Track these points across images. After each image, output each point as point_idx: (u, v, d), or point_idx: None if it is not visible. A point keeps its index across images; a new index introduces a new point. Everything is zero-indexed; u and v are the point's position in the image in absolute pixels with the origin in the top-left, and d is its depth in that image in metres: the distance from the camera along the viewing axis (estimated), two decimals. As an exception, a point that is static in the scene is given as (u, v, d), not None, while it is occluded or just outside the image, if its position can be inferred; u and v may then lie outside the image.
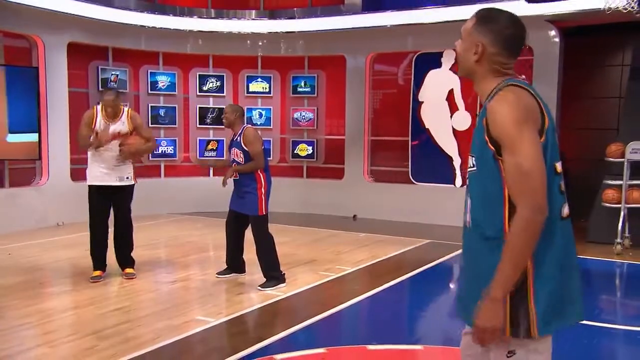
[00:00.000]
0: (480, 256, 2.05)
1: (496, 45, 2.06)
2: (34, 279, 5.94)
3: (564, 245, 2.02)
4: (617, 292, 6.51)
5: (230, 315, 4.85)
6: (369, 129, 10.56)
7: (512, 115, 1.94)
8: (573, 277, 2.06)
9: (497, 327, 1.94)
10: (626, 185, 7.65)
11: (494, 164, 1.99)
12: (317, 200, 10.62)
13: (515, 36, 2.08)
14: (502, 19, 2.08)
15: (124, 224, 5.94)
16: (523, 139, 1.91)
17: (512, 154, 1.93)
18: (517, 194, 1.93)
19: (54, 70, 9.09)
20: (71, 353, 3.95)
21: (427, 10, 9.30)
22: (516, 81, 2.04)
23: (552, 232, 1.97)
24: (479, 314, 1.96)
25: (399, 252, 7.50)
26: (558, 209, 2.01)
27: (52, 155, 9.11)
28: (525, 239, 1.90)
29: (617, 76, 9.70)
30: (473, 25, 2.10)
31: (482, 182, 2.05)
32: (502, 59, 2.08)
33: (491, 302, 1.94)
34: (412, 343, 4.35)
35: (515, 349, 2.00)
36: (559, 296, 1.98)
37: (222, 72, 10.97)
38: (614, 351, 4.46)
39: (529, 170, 1.90)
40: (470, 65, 2.13)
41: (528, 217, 1.89)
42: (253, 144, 5.47)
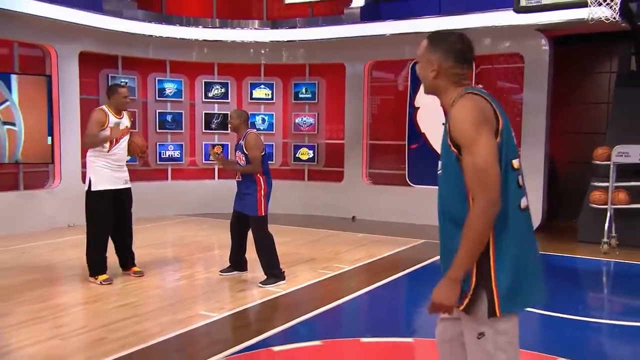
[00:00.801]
0: (451, 248, 2.17)
1: (449, 59, 2.24)
2: (46, 276, 6.07)
3: (523, 234, 2.17)
4: (604, 289, 6.60)
5: (232, 310, 4.96)
6: (368, 133, 10.65)
7: (469, 118, 2.10)
8: (532, 262, 2.20)
9: (451, 305, 2.11)
10: (612, 187, 7.74)
11: (457, 165, 2.14)
12: (317, 202, 10.73)
13: (464, 50, 2.26)
14: (450, 37, 2.28)
15: (129, 226, 6.01)
16: (479, 140, 2.07)
17: (469, 153, 2.08)
18: (473, 189, 2.08)
19: (66, 78, 9.23)
20: (81, 345, 4.08)
21: (423, 20, 9.39)
22: (473, 89, 2.21)
23: (512, 223, 2.13)
24: (436, 290, 2.14)
25: (395, 251, 7.60)
26: (516, 202, 2.16)
27: (64, 159, 9.25)
28: (479, 229, 2.06)
29: (606, 83, 9.79)
30: (426, 48, 2.29)
31: (448, 182, 2.21)
32: (457, 71, 2.25)
33: (449, 280, 2.11)
34: (404, 336, 4.45)
35: (484, 331, 2.15)
36: (518, 280, 2.13)
37: (226, 80, 11.11)
38: (600, 344, 4.54)
39: (483, 168, 2.05)
40: (431, 82, 2.31)
41: (482, 209, 2.05)
42: (252, 150, 5.60)
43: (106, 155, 5.64)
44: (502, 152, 2.11)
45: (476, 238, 2.06)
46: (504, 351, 2.16)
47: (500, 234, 2.11)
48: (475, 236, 2.06)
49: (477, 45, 8.55)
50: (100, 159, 5.63)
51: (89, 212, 5.70)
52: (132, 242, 6.10)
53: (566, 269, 7.10)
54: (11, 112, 8.69)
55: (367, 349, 4.12)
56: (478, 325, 2.16)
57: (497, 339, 2.16)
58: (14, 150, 8.75)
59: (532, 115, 8.97)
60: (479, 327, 2.16)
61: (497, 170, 2.07)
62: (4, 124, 8.59)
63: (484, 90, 2.21)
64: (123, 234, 5.93)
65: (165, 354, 4.04)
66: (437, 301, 2.13)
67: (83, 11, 8.95)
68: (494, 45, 9.29)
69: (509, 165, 2.14)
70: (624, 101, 8.52)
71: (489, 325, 2.15)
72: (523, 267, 2.15)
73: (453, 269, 2.10)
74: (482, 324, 2.16)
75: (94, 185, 5.61)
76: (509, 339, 2.17)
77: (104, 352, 3.92)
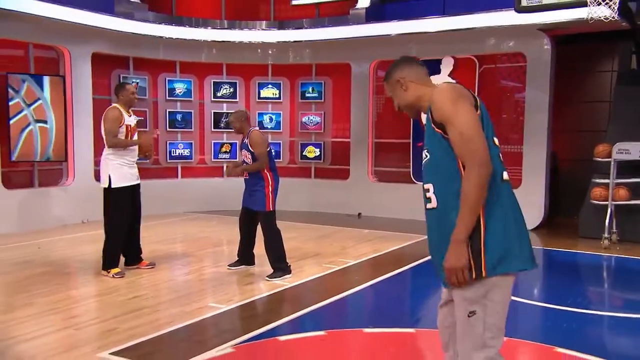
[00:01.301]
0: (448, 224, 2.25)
1: (406, 70, 2.46)
2: (61, 270, 6.19)
3: (508, 201, 2.28)
4: (604, 283, 6.63)
5: (240, 302, 5.04)
6: (373, 132, 10.71)
7: (447, 96, 2.25)
8: (519, 227, 2.29)
9: (464, 265, 2.20)
10: (613, 183, 7.76)
11: (445, 144, 2.25)
12: (324, 200, 10.80)
13: (410, 60, 2.52)
14: (397, 62, 2.52)
15: (139, 221, 6.14)
16: (459, 111, 2.20)
17: (453, 125, 2.21)
18: (464, 156, 2.20)
19: (79, 78, 9.37)
20: (94, 334, 4.18)
21: (426, 20, 9.44)
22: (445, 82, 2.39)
23: (498, 192, 2.25)
24: (447, 257, 2.22)
25: (400, 246, 7.66)
26: (499, 174, 2.28)
27: (77, 157, 9.38)
28: (476, 189, 2.16)
29: (607, 81, 9.79)
30: (387, 81, 2.52)
31: (436, 164, 2.32)
32: (419, 74, 2.47)
33: (456, 243, 2.20)
34: (406, 327, 4.51)
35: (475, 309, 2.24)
36: (505, 241, 2.23)
37: (235, 80, 11.20)
38: (600, 336, 4.58)
39: (469, 135, 2.17)
40: (408, 101, 2.48)
41: (475, 172, 2.16)
42: (257, 147, 5.69)
43: (123, 154, 5.78)
44: (484, 127, 2.23)
45: (474, 199, 2.16)
46: (490, 330, 2.26)
47: (489, 204, 2.22)
48: (473, 198, 2.16)
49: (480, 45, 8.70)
50: (118, 157, 5.76)
51: (109, 208, 5.81)
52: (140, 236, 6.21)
53: (568, 264, 7.14)
54: (44, 110, 8.92)
55: (369, 339, 4.19)
56: (470, 304, 2.26)
57: (486, 318, 2.25)
58: (45, 148, 8.98)
59: (535, 113, 9.00)
60: (471, 306, 2.25)
61: (481, 134, 2.19)
62: (36, 121, 8.78)
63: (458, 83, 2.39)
64: (133, 228, 6.03)
65: (175, 342, 4.12)
66: (449, 266, 2.21)
67: (95, 13, 9.08)
68: (496, 45, 9.32)
69: (491, 142, 2.26)
70: (624, 99, 8.54)
71: (481, 304, 2.24)
72: (510, 236, 2.24)
73: (457, 231, 2.20)
74: (473, 303, 2.25)
75: (114, 183, 5.72)
76: (496, 320, 2.27)
77: (115, 341, 4.01)
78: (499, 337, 2.28)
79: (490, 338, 2.25)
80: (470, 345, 2.26)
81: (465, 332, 2.28)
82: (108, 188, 5.76)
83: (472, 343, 2.26)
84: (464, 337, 2.29)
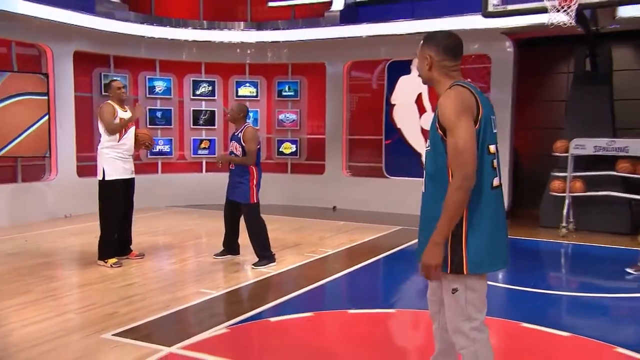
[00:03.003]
0: (432, 213, 2.47)
1: (440, 54, 2.55)
2: (52, 261, 6.24)
3: (493, 210, 2.47)
4: (562, 267, 7.01)
5: (228, 288, 5.21)
6: (347, 128, 10.93)
7: (453, 107, 2.40)
8: (499, 233, 2.50)
9: (437, 264, 2.40)
10: (570, 176, 8.16)
11: (442, 145, 2.44)
12: (300, 194, 10.97)
13: (451, 44, 2.57)
14: (439, 35, 2.60)
15: (131, 213, 6.24)
16: (460, 125, 2.36)
17: (451, 136, 2.38)
18: (453, 165, 2.38)
19: (61, 76, 9.33)
20: (95, 318, 4.28)
21: (398, 23, 9.70)
22: (461, 82, 2.51)
23: (484, 199, 2.43)
24: (424, 254, 2.43)
25: (374, 237, 7.90)
26: (489, 181, 2.46)
27: (60, 153, 9.35)
28: (457, 199, 2.35)
29: (564, 82, 10.21)
30: (421, 46, 2.60)
31: (434, 157, 2.50)
32: (448, 63, 2.55)
33: (433, 245, 2.40)
34: (386, 308, 4.75)
35: (457, 287, 2.47)
36: (485, 247, 2.43)
37: (213, 78, 11.28)
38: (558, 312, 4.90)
39: (462, 148, 2.34)
40: (426, 74, 2.61)
41: (459, 183, 2.34)
42: (249, 142, 5.85)
43: (117, 146, 5.85)
44: (480, 138, 2.40)
45: (454, 207, 2.35)
46: (472, 305, 2.49)
47: (474, 209, 2.41)
48: (453, 206, 2.35)
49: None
50: (112, 151, 5.84)
51: (102, 200, 5.88)
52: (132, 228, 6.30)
53: (530, 250, 7.49)
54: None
55: (354, 319, 4.40)
56: (452, 282, 2.48)
57: (467, 294, 2.48)
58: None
59: (499, 112, 9.13)
60: (453, 284, 2.48)
61: (473, 151, 2.35)
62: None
63: (471, 83, 2.51)
64: (125, 220, 6.11)
65: (172, 324, 4.27)
66: (425, 262, 2.42)
67: (77, 12, 9.05)
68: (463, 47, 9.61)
69: (485, 150, 2.43)
70: (579, 99, 8.95)
71: (461, 283, 2.47)
72: (491, 238, 2.45)
73: (435, 234, 2.40)
74: (455, 282, 2.48)
75: (108, 175, 5.81)
76: (477, 295, 2.50)
77: (117, 323, 4.13)
78: (482, 311, 2.51)
79: (473, 312, 2.48)
80: (457, 316, 2.49)
81: (451, 305, 2.51)
82: (102, 180, 5.84)
83: (458, 315, 2.49)
84: (451, 310, 2.51)
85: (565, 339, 3.97)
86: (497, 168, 2.49)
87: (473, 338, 2.48)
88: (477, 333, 2.49)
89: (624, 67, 9.40)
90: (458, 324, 2.50)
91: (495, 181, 2.47)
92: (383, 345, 3.93)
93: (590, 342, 3.92)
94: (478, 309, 2.49)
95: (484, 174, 2.42)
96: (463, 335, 2.50)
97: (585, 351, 3.81)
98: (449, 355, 2.77)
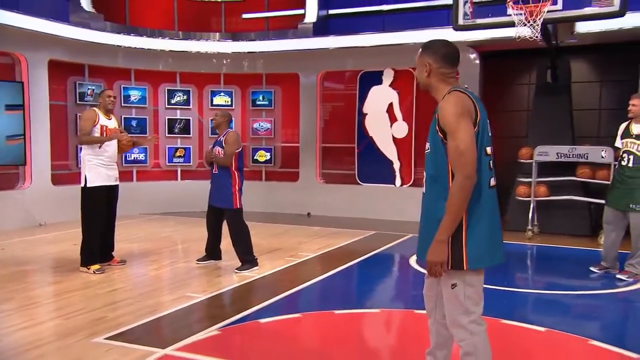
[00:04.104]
0: (433, 212, 2.54)
1: (438, 61, 2.61)
2: (32, 268, 6.07)
3: (490, 208, 2.55)
4: (529, 268, 7.19)
5: (215, 292, 5.16)
6: (320, 137, 10.97)
7: (453, 111, 2.46)
8: (495, 230, 2.58)
9: (442, 261, 2.47)
10: (534, 182, 8.41)
11: (442, 147, 2.51)
12: (275, 200, 10.95)
13: (449, 52, 2.63)
14: (438, 43, 2.66)
15: (114, 220, 6.12)
16: (460, 128, 2.43)
17: (452, 139, 2.45)
18: (455, 167, 2.45)
19: (36, 84, 9.11)
20: (84, 323, 4.18)
21: (368, 35, 9.85)
22: (458, 88, 2.58)
23: (482, 198, 2.51)
24: (429, 252, 2.49)
25: (351, 241, 7.95)
26: (487, 181, 2.54)
27: (34, 161, 9.11)
28: (460, 198, 2.42)
29: (525, 93, 10.53)
30: (420, 54, 2.67)
31: (435, 158, 2.56)
32: (445, 70, 2.62)
33: (437, 243, 2.46)
34: (371, 308, 4.80)
35: (456, 282, 2.53)
36: (483, 244, 2.50)
37: (188, 88, 11.19)
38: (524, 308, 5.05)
39: (463, 150, 2.41)
40: (424, 81, 2.67)
41: (462, 183, 2.41)
42: (228, 145, 5.88)
43: (99, 153, 5.75)
44: (478, 140, 2.47)
45: (457, 206, 2.42)
46: (471, 299, 2.55)
47: (473, 207, 2.48)
48: (456, 204, 2.42)
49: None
50: (95, 158, 5.74)
51: (84, 206, 5.77)
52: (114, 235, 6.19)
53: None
54: None
55: (341, 319, 4.43)
56: (452, 278, 2.54)
57: (466, 289, 2.54)
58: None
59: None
60: (453, 279, 2.54)
61: (474, 152, 2.42)
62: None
63: (468, 89, 2.58)
64: (108, 227, 6.01)
65: (163, 327, 4.21)
66: (430, 260, 2.48)
67: (52, 22, 8.87)
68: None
69: (483, 151, 2.51)
70: (542, 108, 9.25)
71: (460, 278, 2.53)
72: (489, 235, 2.52)
73: (439, 233, 2.45)
74: (454, 277, 2.54)
75: (90, 182, 5.71)
76: (475, 290, 2.57)
77: (107, 328, 4.06)
78: (479, 305, 2.58)
79: (471, 305, 2.54)
80: (456, 310, 2.55)
81: (451, 300, 2.57)
82: (84, 187, 5.73)
83: (457, 309, 2.55)
84: (450, 304, 2.57)
85: (543, 334, 4.09)
86: (493, 169, 2.57)
87: (471, 330, 2.55)
88: (475, 326, 2.56)
89: (581, 79, 9.75)
90: (457, 318, 2.56)
91: (492, 181, 2.55)
92: (371, 343, 3.98)
93: (566, 336, 4.05)
94: (476, 303, 2.56)
95: (483, 174, 2.49)
96: (462, 328, 2.56)
97: (563, 345, 3.94)
98: (443, 348, 2.83)
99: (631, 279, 5.71)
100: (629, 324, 4.69)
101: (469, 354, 2.56)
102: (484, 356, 2.56)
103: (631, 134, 5.67)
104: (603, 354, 3.73)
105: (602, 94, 9.79)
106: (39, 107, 9.15)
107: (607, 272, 5.99)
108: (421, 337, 4.06)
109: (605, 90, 9.76)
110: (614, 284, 5.64)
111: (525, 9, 6.38)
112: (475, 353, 2.55)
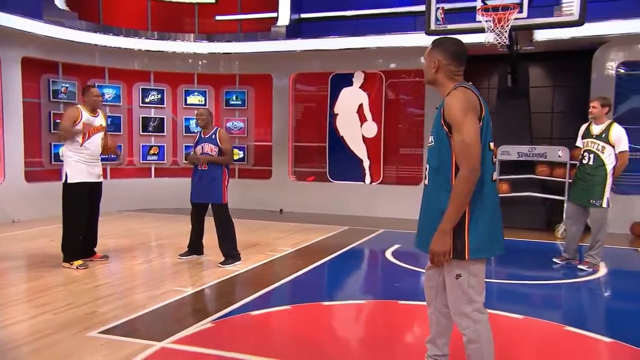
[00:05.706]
0: (435, 204, 2.53)
1: (447, 58, 2.60)
2: (13, 265, 5.79)
3: (492, 200, 2.56)
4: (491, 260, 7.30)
5: (202, 285, 5.04)
6: (292, 136, 10.90)
7: (459, 105, 2.45)
8: (497, 222, 2.59)
9: (445, 251, 2.46)
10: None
11: (447, 140, 2.49)
12: (248, 197, 10.78)
13: (458, 51, 2.63)
14: (448, 41, 2.65)
15: (97, 216, 5.91)
16: (466, 122, 2.43)
17: (458, 132, 2.44)
18: (460, 160, 2.44)
19: (9, 82, 8.71)
20: (74, 318, 4.00)
21: (339, 39, 9.84)
22: (464, 84, 2.57)
23: (485, 190, 2.51)
24: (432, 242, 2.47)
25: (325, 236, 7.90)
26: (489, 175, 2.54)
27: (7, 158, 8.70)
28: (464, 190, 2.41)
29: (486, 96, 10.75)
30: (430, 50, 2.65)
31: (439, 152, 2.55)
32: (453, 68, 2.61)
33: (441, 233, 2.45)
34: (356, 300, 4.77)
35: (460, 273, 2.52)
36: (485, 234, 2.51)
37: (162, 87, 10.92)
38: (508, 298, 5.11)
39: (469, 144, 2.41)
40: (431, 76, 2.64)
41: (467, 175, 2.40)
42: (226, 143, 5.78)
43: (80, 150, 5.54)
44: (482, 135, 2.47)
45: (462, 198, 2.42)
46: (474, 288, 2.55)
47: (477, 199, 2.47)
48: (461, 196, 2.41)
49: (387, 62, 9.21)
50: (76, 154, 5.54)
51: (65, 203, 5.54)
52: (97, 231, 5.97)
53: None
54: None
55: (329, 310, 4.40)
56: (456, 268, 2.53)
57: (469, 279, 2.54)
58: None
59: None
60: (457, 270, 2.53)
61: (478, 146, 2.42)
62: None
63: (473, 86, 2.57)
64: (91, 223, 5.79)
65: (156, 320, 4.06)
66: (434, 249, 2.46)
67: (25, 18, 8.49)
68: (401, 62, 9.90)
69: (486, 146, 2.50)
70: (503, 111, 9.45)
71: (464, 268, 2.52)
72: (490, 226, 2.53)
73: (443, 223, 2.44)
74: (458, 268, 2.53)
75: (70, 178, 5.49)
76: (478, 279, 2.57)
77: (99, 322, 3.89)
78: (482, 294, 2.58)
79: (475, 295, 2.54)
80: (460, 300, 2.55)
81: (454, 290, 2.56)
82: (64, 183, 5.51)
83: (461, 298, 2.54)
84: (454, 293, 2.57)
85: (521, 321, 4.16)
86: (494, 163, 2.58)
87: (475, 319, 2.55)
88: (478, 314, 2.56)
89: (538, 84, 10.02)
90: (461, 307, 2.55)
91: (494, 175, 2.56)
92: (361, 332, 3.95)
93: (542, 322, 4.12)
94: (478, 292, 2.56)
95: (486, 168, 2.49)
96: (466, 317, 2.55)
97: (541, 331, 4.01)
98: (443, 337, 2.83)
99: (591, 269, 5.89)
100: (596, 310, 4.82)
101: (472, 341, 2.56)
102: (487, 343, 2.57)
103: (591, 134, 5.85)
104: (580, 339, 3.82)
105: (554, 98, 10.10)
106: (12, 105, 8.75)
107: (569, 263, 6.17)
108: (407, 325, 4.09)
109: (558, 94, 10.07)
110: (576, 274, 5.81)
111: (494, 16, 6.49)
112: (479, 340, 2.55)
